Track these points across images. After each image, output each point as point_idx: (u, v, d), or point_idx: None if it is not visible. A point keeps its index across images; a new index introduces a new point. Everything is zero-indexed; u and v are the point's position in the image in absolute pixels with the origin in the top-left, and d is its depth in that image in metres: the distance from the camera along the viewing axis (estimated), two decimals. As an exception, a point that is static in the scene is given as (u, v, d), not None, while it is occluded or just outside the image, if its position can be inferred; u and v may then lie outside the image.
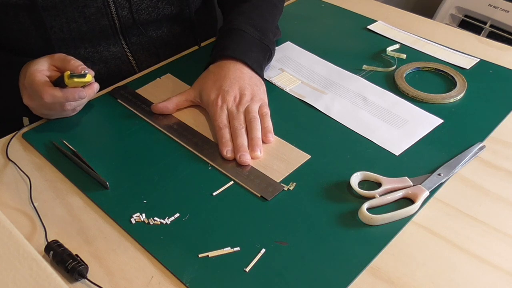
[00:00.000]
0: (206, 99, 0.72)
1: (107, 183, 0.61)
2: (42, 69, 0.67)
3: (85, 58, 0.81)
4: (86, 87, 0.67)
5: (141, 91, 0.78)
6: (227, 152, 0.65)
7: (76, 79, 0.64)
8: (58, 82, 0.66)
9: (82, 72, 0.65)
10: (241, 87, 0.71)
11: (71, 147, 0.67)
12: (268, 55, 0.80)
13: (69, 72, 0.65)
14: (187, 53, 0.88)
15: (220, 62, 0.75)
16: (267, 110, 0.71)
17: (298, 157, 0.66)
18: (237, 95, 0.71)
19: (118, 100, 0.76)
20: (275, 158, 0.65)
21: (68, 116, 0.72)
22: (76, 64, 0.67)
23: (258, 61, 0.77)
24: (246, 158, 0.64)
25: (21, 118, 0.98)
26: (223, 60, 0.75)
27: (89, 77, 0.65)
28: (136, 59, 0.87)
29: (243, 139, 0.66)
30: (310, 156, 0.66)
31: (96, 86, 0.68)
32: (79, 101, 0.68)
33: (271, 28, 0.82)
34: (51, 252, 0.52)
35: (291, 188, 0.61)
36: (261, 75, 0.76)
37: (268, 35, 0.80)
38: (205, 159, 0.66)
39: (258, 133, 0.67)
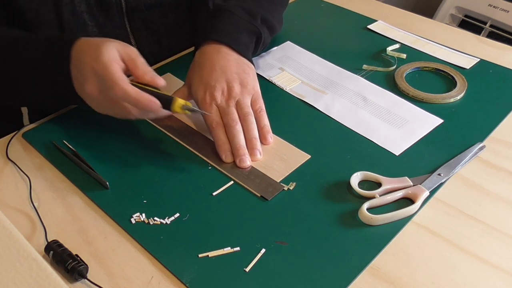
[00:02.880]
0: (195, 97, 0.69)
1: (107, 183, 0.61)
2: (117, 58, 0.60)
3: None
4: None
5: None
6: (226, 157, 0.64)
7: (188, 112, 0.61)
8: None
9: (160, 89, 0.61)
10: (228, 79, 0.68)
11: (71, 147, 0.67)
12: (256, 38, 0.77)
13: (183, 102, 0.61)
14: (187, 53, 0.88)
15: (204, 48, 0.72)
16: (261, 104, 0.68)
17: (298, 157, 0.65)
18: (224, 89, 0.68)
19: None
20: (275, 158, 0.65)
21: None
22: (146, 69, 0.61)
23: (245, 43, 0.73)
24: (246, 163, 0.63)
25: (21, 118, 0.98)
26: (208, 44, 0.72)
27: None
28: (138, 45, 0.86)
29: (239, 139, 0.64)
30: (310, 156, 0.66)
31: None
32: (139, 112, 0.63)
33: (264, 14, 0.79)
34: (51, 252, 0.52)
35: (291, 188, 0.61)
36: (248, 57, 0.73)
37: (258, 19, 0.77)
38: (205, 159, 0.66)
39: (254, 132, 0.66)
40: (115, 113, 0.64)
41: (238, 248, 0.54)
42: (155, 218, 0.57)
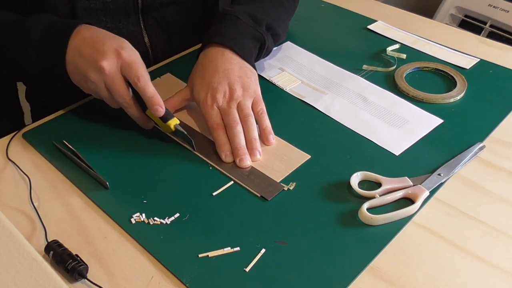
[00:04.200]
0: (197, 98, 0.70)
1: (107, 183, 0.61)
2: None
3: None
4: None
5: None
6: (226, 156, 0.64)
7: (170, 124, 0.66)
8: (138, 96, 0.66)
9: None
10: (230, 81, 0.69)
11: (71, 147, 0.67)
12: (260, 45, 0.77)
13: (177, 122, 0.67)
14: (187, 53, 0.88)
15: (208, 51, 0.73)
16: (262, 106, 0.69)
17: (298, 157, 0.66)
18: (226, 91, 0.68)
19: None
20: (275, 158, 0.65)
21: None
22: (152, 95, 0.65)
23: (249, 49, 0.74)
24: (246, 162, 0.63)
25: (22, 118, 0.98)
26: (212, 47, 0.73)
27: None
28: (150, 41, 0.86)
29: (240, 139, 0.65)
30: (310, 156, 0.66)
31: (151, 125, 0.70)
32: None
33: (269, 22, 0.79)
34: (51, 252, 0.52)
35: (291, 188, 0.61)
36: (251, 63, 0.73)
37: (263, 25, 0.78)
38: (205, 159, 0.66)
39: (254, 133, 0.66)
40: (97, 93, 0.66)
41: (238, 248, 0.54)
42: (155, 218, 0.57)
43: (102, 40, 0.65)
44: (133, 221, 0.57)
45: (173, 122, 0.66)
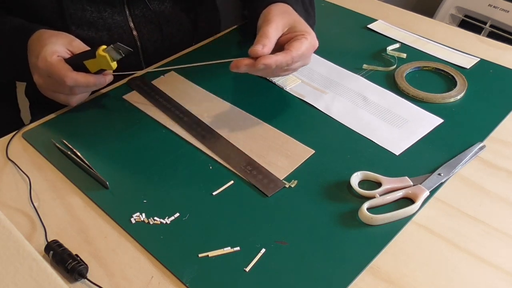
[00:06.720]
0: (302, 29, 0.71)
1: (107, 183, 0.61)
2: (59, 50, 0.68)
3: (90, 22, 0.81)
4: (104, 74, 0.69)
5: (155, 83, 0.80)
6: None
7: (108, 56, 0.64)
8: (75, 60, 0.67)
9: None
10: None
11: (71, 146, 0.67)
12: None
13: (105, 46, 0.65)
14: (187, 52, 0.88)
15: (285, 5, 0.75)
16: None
17: (303, 152, 0.66)
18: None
19: (134, 90, 0.78)
20: (280, 155, 0.65)
21: (70, 105, 0.73)
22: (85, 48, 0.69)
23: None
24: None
25: (19, 114, 0.99)
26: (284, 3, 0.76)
27: (115, 65, 0.66)
28: (138, 31, 0.86)
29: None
30: (314, 151, 0.66)
31: (110, 77, 0.71)
32: (86, 91, 0.71)
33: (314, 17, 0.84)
34: (51, 252, 0.52)
35: (292, 186, 0.61)
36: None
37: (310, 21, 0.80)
38: (209, 153, 0.65)
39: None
40: (58, 98, 0.72)
41: (238, 248, 0.54)
42: (155, 218, 0.57)
43: (30, 58, 0.71)
44: (133, 221, 0.57)
45: (101, 48, 0.65)
